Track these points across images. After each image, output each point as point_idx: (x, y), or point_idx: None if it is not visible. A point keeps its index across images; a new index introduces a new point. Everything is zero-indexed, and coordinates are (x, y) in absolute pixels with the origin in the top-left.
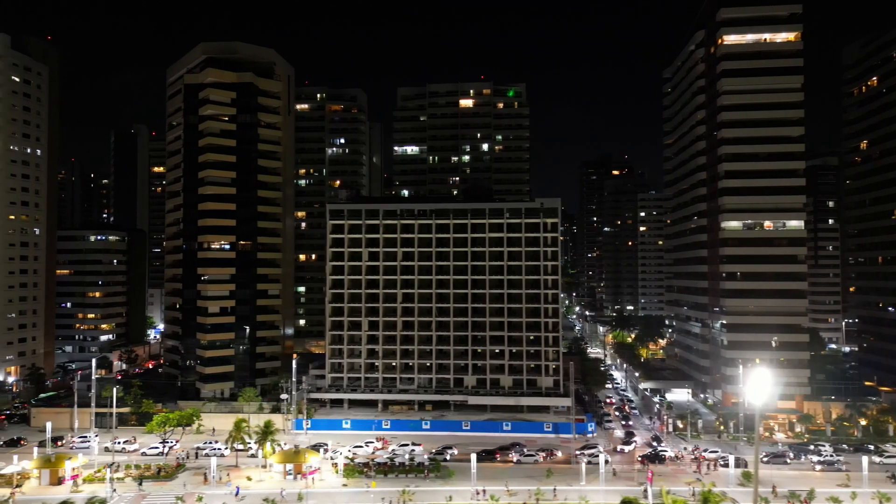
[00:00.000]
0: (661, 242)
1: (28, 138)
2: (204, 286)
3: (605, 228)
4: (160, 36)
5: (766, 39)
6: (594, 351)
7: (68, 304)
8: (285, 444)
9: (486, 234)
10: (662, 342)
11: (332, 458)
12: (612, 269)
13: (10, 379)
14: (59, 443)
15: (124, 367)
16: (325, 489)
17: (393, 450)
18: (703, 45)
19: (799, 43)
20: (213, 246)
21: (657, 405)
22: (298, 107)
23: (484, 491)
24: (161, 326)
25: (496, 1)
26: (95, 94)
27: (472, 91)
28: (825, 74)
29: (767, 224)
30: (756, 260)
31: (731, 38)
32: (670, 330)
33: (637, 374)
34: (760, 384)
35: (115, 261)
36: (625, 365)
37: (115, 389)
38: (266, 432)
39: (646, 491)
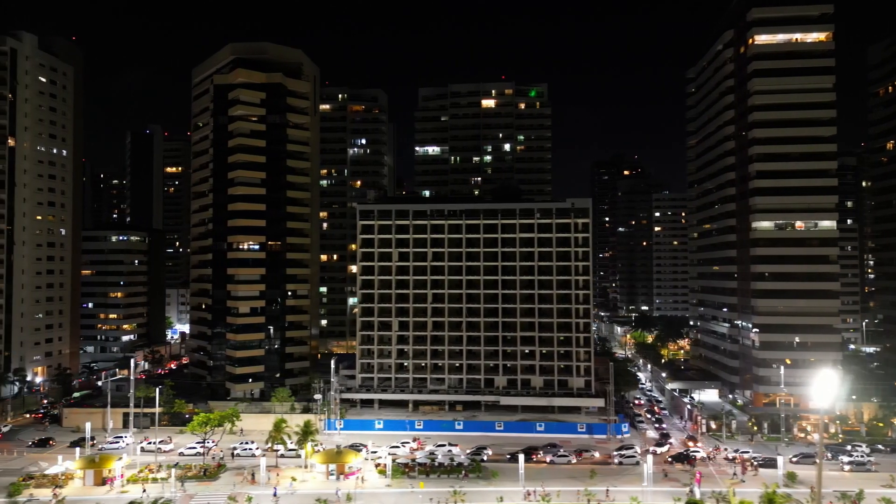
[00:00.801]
0: (676, 243)
1: (54, 139)
2: (234, 286)
3: (619, 228)
4: (159, 38)
5: (797, 39)
6: (615, 351)
7: (90, 305)
8: (321, 444)
9: (517, 235)
10: (683, 342)
11: (373, 459)
12: (627, 269)
13: (38, 379)
14: (91, 443)
15: (146, 367)
16: (371, 490)
17: (430, 450)
18: (732, 45)
19: (830, 43)
20: (242, 246)
21: (688, 406)
22: (321, 107)
23: (535, 492)
24: (178, 327)
25: (504, 5)
26: (100, 95)
27: (493, 91)
28: (836, 74)
29: (799, 224)
30: (787, 260)
31: (762, 38)
32: (694, 330)
33: (664, 375)
34: (827, 386)
35: (136, 261)
36: (648, 365)
37: (157, 390)
38: (306, 432)
39: (692, 491)
